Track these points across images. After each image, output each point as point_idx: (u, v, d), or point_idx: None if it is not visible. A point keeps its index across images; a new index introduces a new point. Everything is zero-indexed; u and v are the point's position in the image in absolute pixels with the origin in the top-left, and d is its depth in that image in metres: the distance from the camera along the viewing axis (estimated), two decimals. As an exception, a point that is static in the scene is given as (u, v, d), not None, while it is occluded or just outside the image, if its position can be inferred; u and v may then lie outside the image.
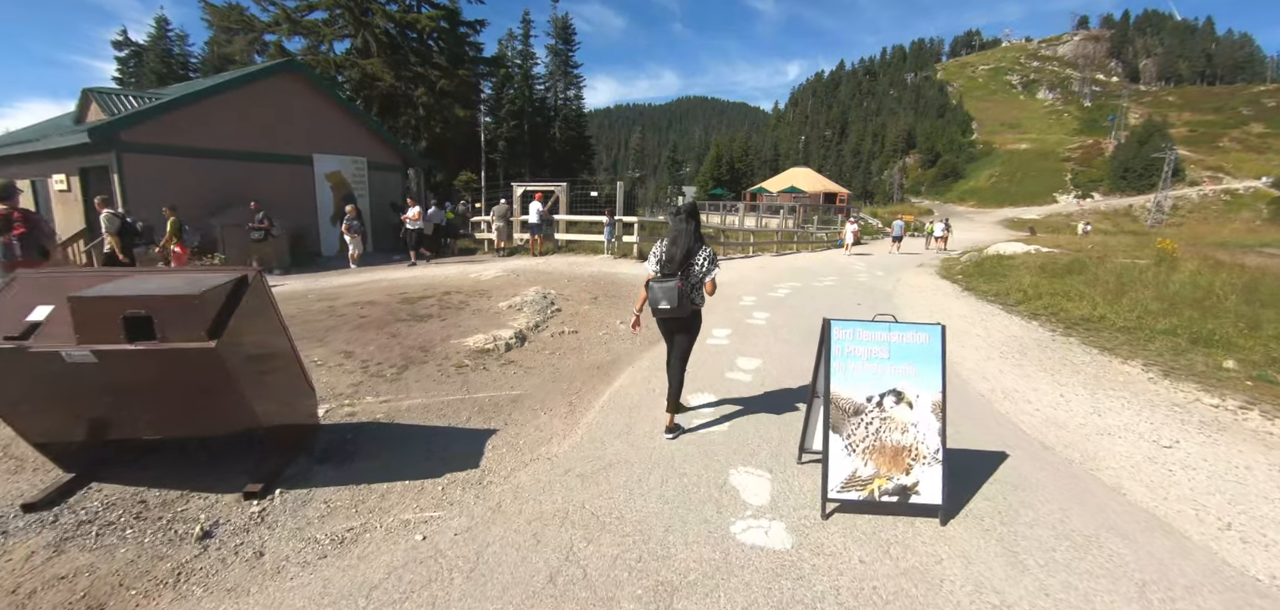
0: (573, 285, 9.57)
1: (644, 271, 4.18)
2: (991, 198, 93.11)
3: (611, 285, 10.07)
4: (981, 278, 13.99)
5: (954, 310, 10.12)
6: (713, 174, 69.06)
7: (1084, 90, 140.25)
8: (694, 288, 3.88)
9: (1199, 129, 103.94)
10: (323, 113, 16.48)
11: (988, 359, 6.81)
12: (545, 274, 10.81)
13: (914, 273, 16.83)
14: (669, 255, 3.89)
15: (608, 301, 8.54)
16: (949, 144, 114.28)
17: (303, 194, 15.97)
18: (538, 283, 9.44)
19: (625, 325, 7.18)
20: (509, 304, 7.38)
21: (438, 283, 9.31)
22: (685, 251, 3.85)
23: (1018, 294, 11.36)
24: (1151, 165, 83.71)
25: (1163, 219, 71.97)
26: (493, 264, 12.63)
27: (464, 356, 5.64)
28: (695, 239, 3.92)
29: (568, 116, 57.64)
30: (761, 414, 4.51)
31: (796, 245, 25.97)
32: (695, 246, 3.89)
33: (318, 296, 8.31)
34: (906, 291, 12.35)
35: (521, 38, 53.20)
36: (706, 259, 3.89)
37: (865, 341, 3.19)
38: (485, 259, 14.82)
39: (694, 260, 3.87)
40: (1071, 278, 12.15)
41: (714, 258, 3.94)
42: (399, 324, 6.50)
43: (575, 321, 7.16)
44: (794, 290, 11.34)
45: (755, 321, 7.93)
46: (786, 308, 9.14)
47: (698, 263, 3.88)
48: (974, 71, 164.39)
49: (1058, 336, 8.33)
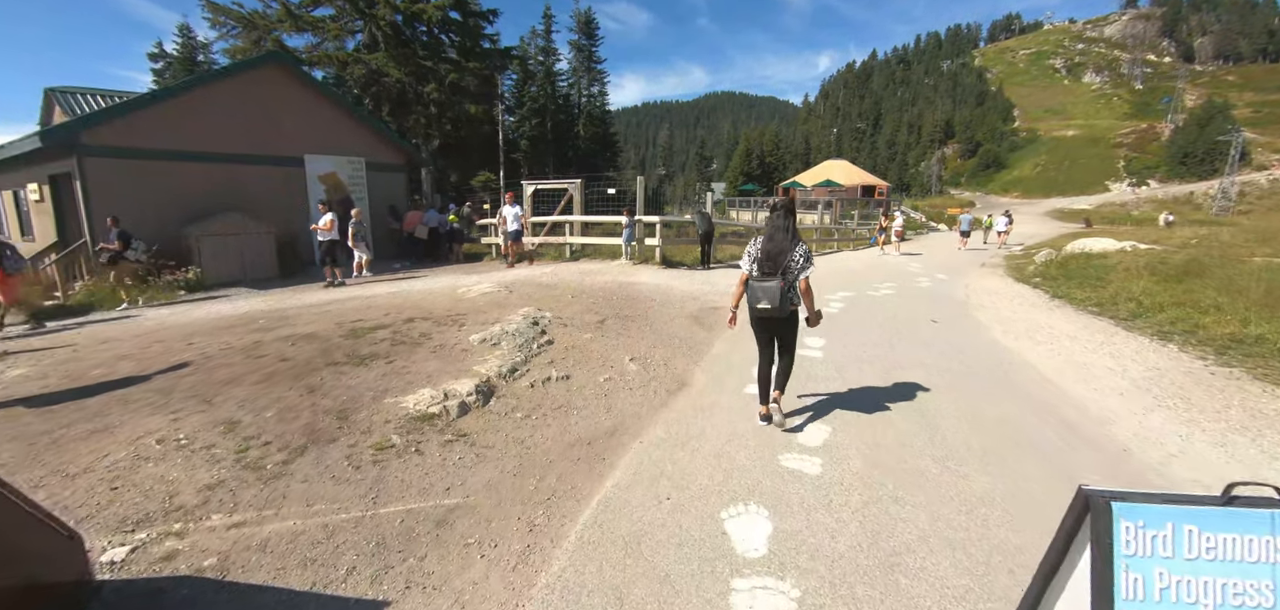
0: (578, 303, 7.77)
1: (666, 284, 4.81)
2: (1038, 187, 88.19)
3: (627, 301, 8.24)
4: (1069, 281, 11.70)
5: (1058, 327, 7.98)
6: (742, 169, 66.68)
7: (1134, 72, 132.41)
8: (791, 287, 3.82)
9: (1264, 110, 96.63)
10: (314, 109, 15.06)
11: (1145, 411, 4.74)
12: (548, 288, 9.05)
13: (981, 274, 14.54)
14: (765, 252, 3.87)
15: (619, 326, 6.71)
16: (990, 133, 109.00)
17: (294, 197, 14.57)
18: (533, 302, 7.67)
19: (638, 364, 5.36)
20: (483, 336, 5.61)
21: (408, 304, 7.62)
22: (780, 248, 3.83)
23: (1129, 305, 9.13)
24: (1214, 149, 77.85)
25: (1230, 206, 66.55)
26: (490, 275, 10.93)
27: (396, 427, 3.87)
28: (792, 236, 3.90)
29: (592, 113, 56.25)
30: (848, 569, 2.59)
31: (837, 243, 23.73)
32: (791, 244, 3.85)
33: (255, 325, 6.71)
34: (984, 300, 10.20)
35: (544, 34, 51.98)
36: (802, 256, 3.83)
37: (1215, 562, 1.21)
38: (486, 268, 13.15)
39: (791, 258, 3.81)
40: (1194, 282, 9.82)
41: (809, 255, 3.86)
42: (326, 371, 4.79)
43: (569, 360, 5.35)
44: (848, 302, 9.32)
45: (810, 353, 6.01)
46: (847, 330, 7.17)
47: (795, 260, 3.81)
48: (1014, 57, 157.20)
49: (1213, 366, 6.17)
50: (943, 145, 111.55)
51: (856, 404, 4.52)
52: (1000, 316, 8.64)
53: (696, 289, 9.81)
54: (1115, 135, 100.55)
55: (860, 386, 4.95)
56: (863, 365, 5.59)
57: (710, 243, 13.46)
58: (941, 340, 6.82)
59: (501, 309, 7.00)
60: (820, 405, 4.49)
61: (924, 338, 6.88)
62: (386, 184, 16.70)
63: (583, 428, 4.06)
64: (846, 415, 4.30)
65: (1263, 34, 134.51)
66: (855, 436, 3.93)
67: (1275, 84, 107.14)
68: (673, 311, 7.90)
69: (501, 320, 6.26)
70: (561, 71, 53.52)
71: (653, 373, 5.22)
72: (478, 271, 12.06)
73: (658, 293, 9.23)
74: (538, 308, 7.05)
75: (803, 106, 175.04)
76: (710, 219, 13.90)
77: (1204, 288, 9.22)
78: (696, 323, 7.28)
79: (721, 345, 6.30)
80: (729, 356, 5.84)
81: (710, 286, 10.18)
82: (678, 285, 10.11)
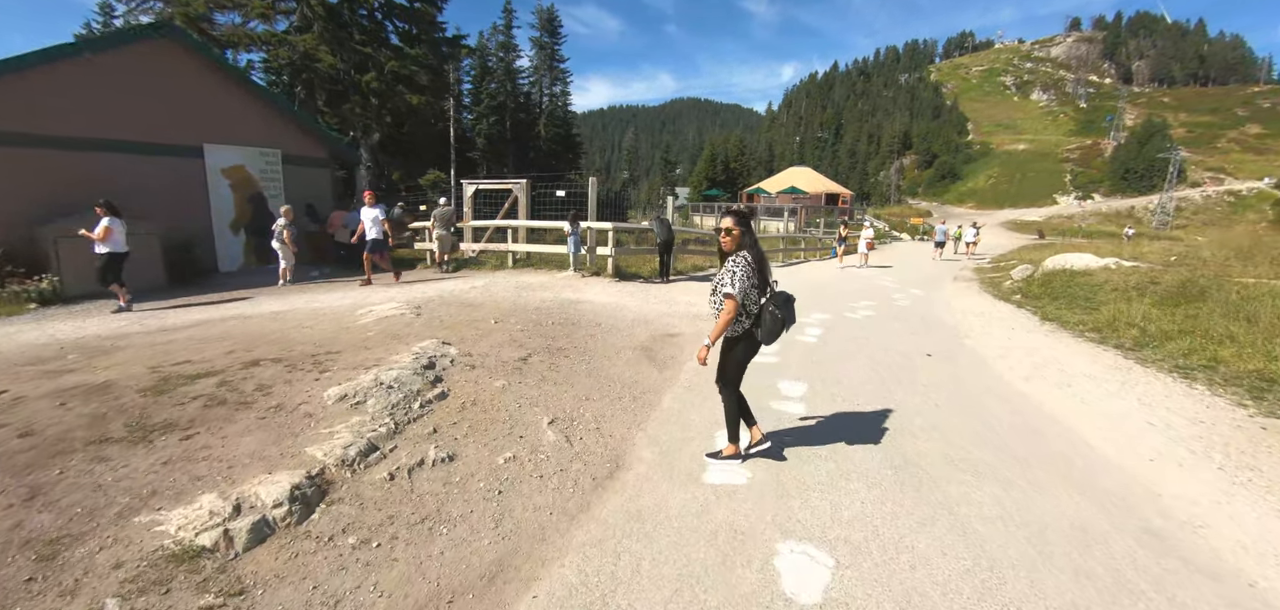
0: (501, 330, 6.24)
1: (616, 302, 5.83)
2: (991, 199, 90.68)
3: (565, 327, 6.75)
4: (1056, 301, 10.82)
5: (1064, 360, 6.89)
6: (707, 174, 65.92)
7: (1078, 91, 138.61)
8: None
9: (1196, 130, 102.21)
10: (219, 93, 13.01)
11: (1224, 495, 3.55)
12: (471, 309, 7.47)
13: (957, 290, 13.63)
14: (763, 276, 3.39)
15: (546, 365, 5.22)
16: (945, 145, 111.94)
17: (191, 194, 12.50)
18: (444, 329, 6.09)
19: (559, 430, 3.89)
20: (346, 391, 4.03)
21: (271, 334, 5.92)
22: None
23: (1131, 331, 8.19)
24: (1153, 166, 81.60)
25: (1168, 221, 69.65)
26: (409, 290, 9.25)
27: (127, 578, 2.31)
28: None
29: (554, 113, 54.63)
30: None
31: (804, 252, 22.76)
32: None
33: (54, 363, 4.93)
34: (973, 325, 9.12)
35: (504, 29, 50.10)
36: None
37: None
38: (412, 280, 11.43)
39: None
40: (1194, 306, 8.98)
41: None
42: (82, 454, 3.15)
43: (461, 427, 3.84)
44: (825, 327, 8.05)
45: (787, 406, 4.67)
46: (831, 367, 5.87)
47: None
48: (967, 73, 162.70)
49: (1259, 416, 5.15)
50: (901, 156, 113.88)
51: (867, 508, 3.15)
52: (998, 346, 7.52)
53: (651, 309, 8.40)
54: (1062, 151, 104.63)
55: (865, 469, 3.59)
56: (861, 429, 4.26)
57: (670, 253, 12.09)
58: (944, 382, 5.59)
59: (394, 342, 5.41)
60: (816, 511, 3.11)
61: (923, 380, 5.63)
62: (309, 180, 14.73)
63: (448, 567, 2.55)
64: (858, 530, 2.92)
65: (1193, 59, 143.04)
66: (880, 575, 2.55)
67: (1206, 106, 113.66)
68: (619, 340, 6.46)
69: (385, 361, 4.68)
70: (523, 69, 51.74)
71: (578, 444, 3.76)
72: (399, 284, 10.34)
73: (605, 313, 7.77)
74: (443, 340, 5.49)
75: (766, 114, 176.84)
76: (670, 226, 12.53)
77: (1209, 313, 8.35)
78: (647, 357, 5.85)
79: (676, 394, 4.88)
80: (685, 414, 4.42)
81: (668, 305, 8.77)
82: (630, 304, 8.68)
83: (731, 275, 3.24)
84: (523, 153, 46.38)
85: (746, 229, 3.42)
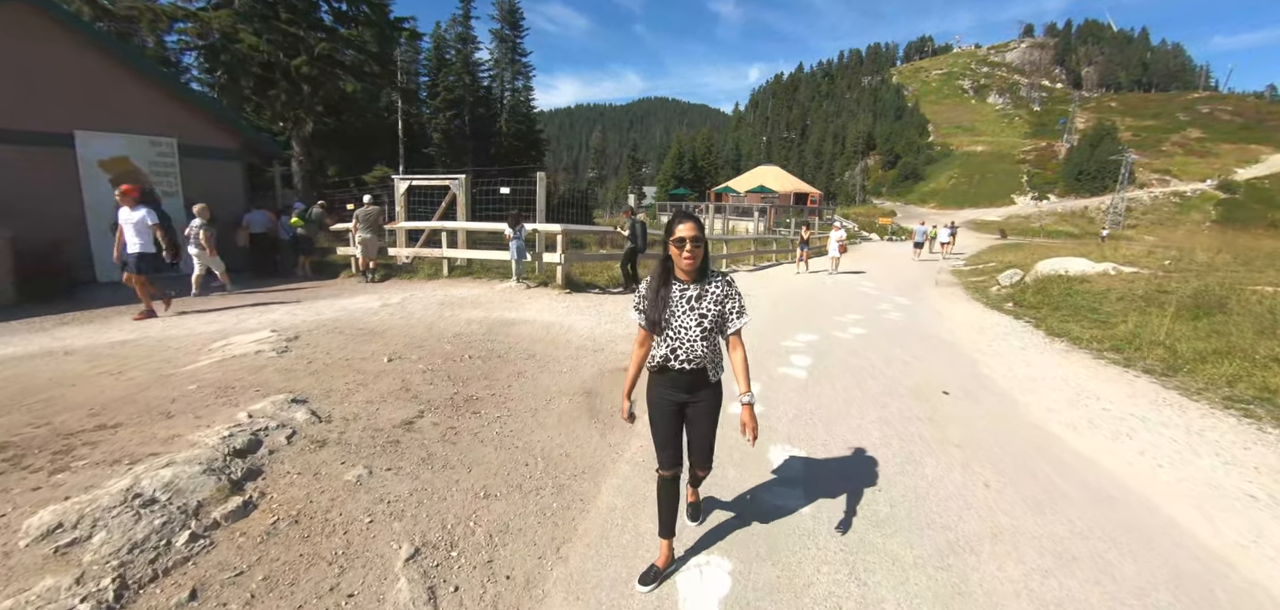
0: (390, 375, 4.64)
1: (562, 322, 4.74)
2: (952, 199, 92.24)
3: (485, 362, 5.20)
4: (1058, 312, 9.77)
5: (1098, 390, 5.70)
6: (674, 172, 64.72)
7: (1032, 95, 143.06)
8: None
9: (1142, 134, 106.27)
10: (97, 73, 10.93)
11: None
12: (366, 338, 5.83)
13: (944, 296, 12.54)
14: None
15: (442, 432, 3.67)
16: (908, 146, 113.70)
17: (59, 189, 10.43)
18: (309, 374, 4.46)
19: (418, 577, 2.37)
20: (64, 516, 2.42)
21: (52, 380, 4.20)
22: None
23: (1157, 350, 7.12)
24: (1105, 168, 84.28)
25: (1121, 221, 71.82)
26: (289, 310, 7.49)
27: None
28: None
29: (516, 109, 52.58)
30: None
31: (776, 254, 21.59)
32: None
33: None
34: (978, 343, 7.88)
35: (462, 19, 47.85)
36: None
37: None
38: (321, 292, 9.63)
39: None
40: (1217, 320, 8.00)
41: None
42: None
43: (250, 579, 2.27)
44: (815, 353, 6.67)
45: (786, 496, 3.24)
46: (829, 421, 4.46)
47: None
48: (928, 76, 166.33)
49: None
50: (865, 156, 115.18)
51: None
52: (1016, 373, 6.27)
53: (605, 330, 6.88)
54: (1019, 152, 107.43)
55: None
56: (899, 542, 2.85)
57: (635, 262, 10.47)
58: (979, 438, 4.25)
59: (220, 401, 3.77)
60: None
61: (954, 436, 4.29)
62: (216, 175, 12.70)
63: None
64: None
65: (1138, 66, 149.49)
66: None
67: (1150, 112, 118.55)
68: (555, 379, 4.94)
69: (173, 445, 3.06)
70: (482, 61, 49.55)
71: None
72: (298, 297, 8.55)
73: (544, 339, 6.23)
74: (296, 396, 3.87)
75: (733, 114, 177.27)
76: (644, 226, 10.77)
77: (1239, 329, 7.34)
78: (588, 409, 4.35)
79: (623, 477, 3.39)
80: (635, 519, 2.94)
81: (627, 324, 7.28)
82: (580, 323, 7.15)
83: (739, 299, 2.44)
84: (484, 149, 44.28)
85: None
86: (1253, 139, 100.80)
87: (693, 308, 2.33)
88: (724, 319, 2.37)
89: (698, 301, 2.33)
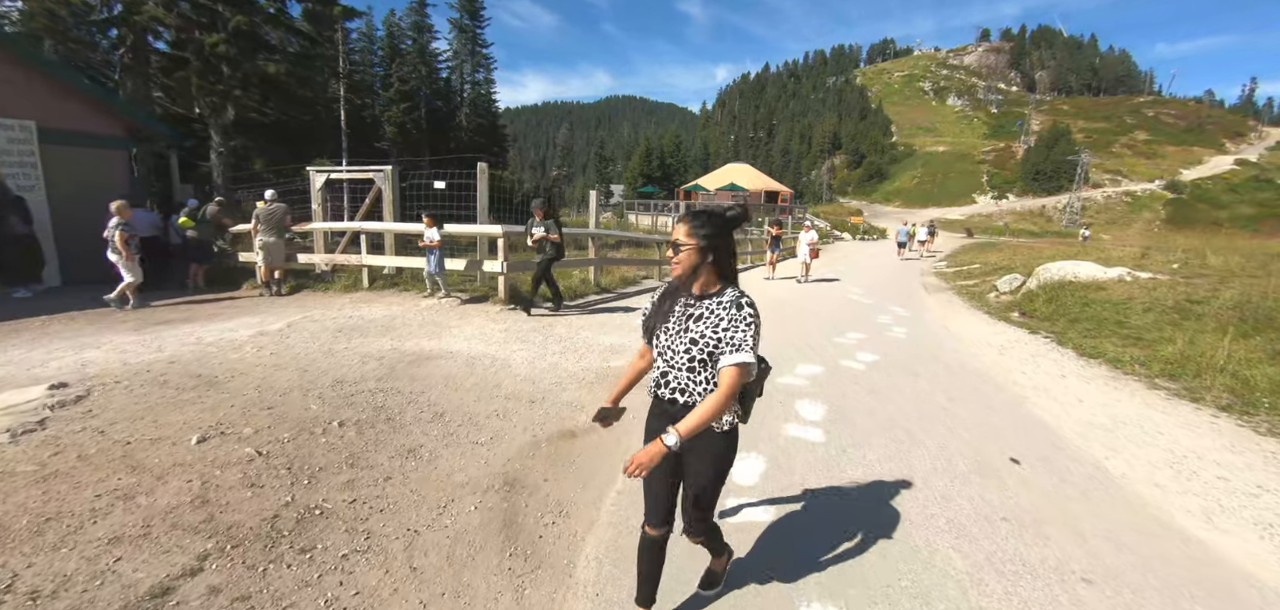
0: (177, 479, 2.92)
1: (496, 354, 3.85)
2: (917, 198, 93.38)
3: (362, 440, 3.46)
4: (1075, 324, 8.56)
5: (1215, 459, 4.32)
6: (642, 170, 63.20)
7: (989, 98, 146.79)
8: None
9: (1093, 135, 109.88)
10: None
11: None
12: (190, 397, 4.06)
13: (939, 303, 11.28)
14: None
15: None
16: (873, 145, 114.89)
17: None
18: (45, 478, 2.73)
19: None
20: None
21: None
22: None
23: (1222, 377, 5.88)
24: (1060, 168, 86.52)
25: (1078, 220, 73.63)
26: (153, 333, 5.62)
27: None
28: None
29: (477, 102, 50.21)
30: None
31: (752, 255, 20.26)
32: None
33: None
34: (1011, 369, 6.49)
35: (417, 8, 45.32)
36: None
37: None
38: (212, 307, 7.68)
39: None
40: (1272, 335, 6.84)
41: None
42: None
43: None
44: (822, 391, 5.15)
45: None
46: (883, 553, 2.97)
47: None
48: (890, 77, 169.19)
49: None
50: (831, 155, 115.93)
51: None
52: (1077, 417, 4.88)
53: (548, 367, 5.23)
54: (979, 153, 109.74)
55: None
56: None
57: (548, 271, 7.80)
58: (1090, 539, 2.81)
59: None
60: None
61: (1069, 559, 2.82)
62: (91, 164, 10.53)
63: None
64: None
65: (1088, 71, 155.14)
66: None
67: (1100, 114, 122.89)
68: (462, 466, 3.26)
69: None
70: (440, 52, 47.07)
71: None
72: (164, 319, 6.59)
73: (463, 385, 4.54)
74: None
75: (701, 113, 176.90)
76: (558, 224, 7.82)
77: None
78: (501, 529, 2.71)
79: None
80: None
81: (578, 357, 5.64)
82: (518, 357, 5.48)
83: (743, 327, 1.76)
84: (442, 144, 41.88)
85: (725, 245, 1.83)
86: (1195, 141, 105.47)
87: (686, 329, 1.83)
88: (719, 350, 1.78)
89: (694, 322, 1.82)
